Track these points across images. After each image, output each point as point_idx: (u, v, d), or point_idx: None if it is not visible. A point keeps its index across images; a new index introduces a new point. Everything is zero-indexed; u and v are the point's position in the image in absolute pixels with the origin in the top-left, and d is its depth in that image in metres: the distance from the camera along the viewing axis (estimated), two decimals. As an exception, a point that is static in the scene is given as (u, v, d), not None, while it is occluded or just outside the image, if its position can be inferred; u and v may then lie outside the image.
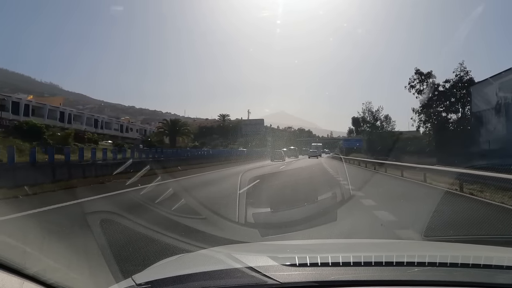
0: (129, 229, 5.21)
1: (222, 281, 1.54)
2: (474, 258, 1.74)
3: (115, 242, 4.50)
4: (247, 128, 79.26)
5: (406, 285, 1.48)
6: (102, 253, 3.44)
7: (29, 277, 1.52)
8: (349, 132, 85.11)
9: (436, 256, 1.76)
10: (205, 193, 10.78)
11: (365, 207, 8.01)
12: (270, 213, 7.15)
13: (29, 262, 1.65)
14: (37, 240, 4.04)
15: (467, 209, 8.46)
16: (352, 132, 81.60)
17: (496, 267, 1.66)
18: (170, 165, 21.97)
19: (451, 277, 1.58)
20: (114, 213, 6.55)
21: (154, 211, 7.15)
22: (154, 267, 2.15)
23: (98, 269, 2.87)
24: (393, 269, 1.64)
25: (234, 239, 4.49)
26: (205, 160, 30.47)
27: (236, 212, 6.94)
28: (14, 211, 7.11)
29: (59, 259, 3.02)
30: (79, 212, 7.24)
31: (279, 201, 9.04)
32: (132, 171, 13.87)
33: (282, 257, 1.91)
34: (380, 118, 62.97)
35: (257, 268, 1.58)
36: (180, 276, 1.61)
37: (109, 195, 9.98)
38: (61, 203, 8.23)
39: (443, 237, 5.07)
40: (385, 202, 8.87)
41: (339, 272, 1.61)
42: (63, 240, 4.80)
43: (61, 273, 1.95)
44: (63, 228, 5.81)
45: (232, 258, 1.81)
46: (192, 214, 6.70)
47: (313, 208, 7.79)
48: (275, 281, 1.47)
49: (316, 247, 2.61)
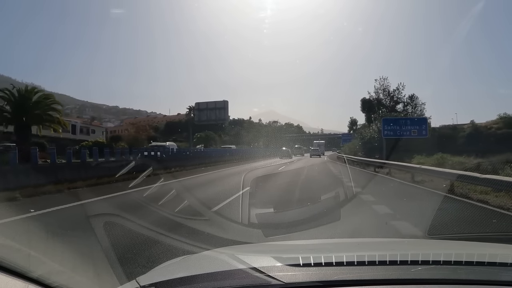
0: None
1: (226, 282, 1.54)
2: (478, 255, 1.74)
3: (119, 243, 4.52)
4: (204, 114, 49.08)
5: (410, 284, 1.47)
6: (106, 255, 3.44)
7: (34, 280, 1.53)
8: (351, 123, 70.23)
9: (440, 254, 1.76)
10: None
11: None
12: (273, 213, 7.15)
13: (33, 265, 1.66)
14: (41, 243, 4.05)
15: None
16: (355, 124, 67.34)
17: (501, 264, 1.65)
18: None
19: (455, 275, 1.57)
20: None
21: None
22: (158, 268, 2.15)
23: (102, 271, 2.87)
24: (397, 268, 1.64)
25: (238, 240, 4.49)
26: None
27: (240, 212, 6.96)
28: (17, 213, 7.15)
29: (64, 261, 3.02)
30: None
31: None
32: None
33: (286, 257, 1.91)
34: (402, 99, 46.12)
35: (261, 268, 1.58)
36: (185, 277, 1.61)
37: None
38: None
39: (447, 235, 5.06)
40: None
41: (343, 272, 1.61)
42: (67, 243, 4.82)
43: (66, 276, 1.95)
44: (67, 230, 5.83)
45: (236, 259, 1.81)
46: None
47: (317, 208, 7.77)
48: (279, 281, 1.47)
49: (319, 247, 2.61)
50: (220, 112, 48.32)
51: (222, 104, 48.66)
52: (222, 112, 48.56)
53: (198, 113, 50.71)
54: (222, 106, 48.44)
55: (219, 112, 48.20)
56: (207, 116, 48.75)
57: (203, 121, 50.63)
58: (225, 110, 48.75)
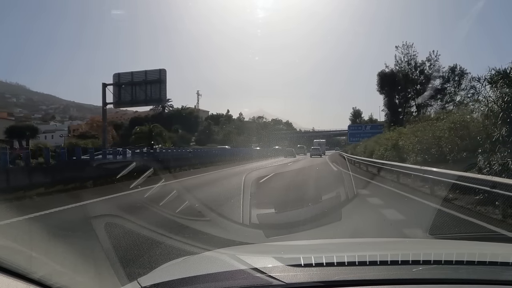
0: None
1: (227, 282, 1.54)
2: (479, 255, 1.74)
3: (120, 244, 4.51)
4: (127, 92, 30.00)
5: (412, 284, 1.47)
6: (107, 256, 3.44)
7: (35, 282, 1.53)
8: (354, 115, 58.03)
9: (441, 254, 1.76)
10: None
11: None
12: (275, 213, 7.14)
13: (34, 266, 1.66)
14: (42, 244, 4.05)
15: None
16: (359, 115, 55.73)
17: (502, 264, 1.65)
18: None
19: (456, 275, 1.57)
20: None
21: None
22: (159, 269, 2.15)
23: (104, 272, 2.87)
24: (398, 268, 1.63)
25: (239, 241, 4.49)
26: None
27: (241, 213, 6.95)
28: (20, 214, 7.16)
29: (65, 262, 3.02)
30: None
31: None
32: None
33: (287, 257, 1.91)
34: (441, 73, 32.63)
35: (262, 269, 1.58)
36: (186, 278, 1.61)
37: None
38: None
39: (448, 234, 5.05)
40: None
41: (344, 272, 1.61)
42: (68, 244, 4.82)
43: (67, 277, 1.95)
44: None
45: (237, 260, 1.81)
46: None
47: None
48: (281, 281, 1.47)
49: (321, 247, 2.60)
50: (153, 89, 29.46)
51: (157, 75, 29.31)
52: (157, 89, 29.43)
53: (117, 92, 29.79)
54: (156, 78, 29.24)
55: (152, 88, 29.47)
56: (133, 94, 29.78)
57: (126, 103, 32.14)
58: (162, 85, 29.56)
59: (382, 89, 35.91)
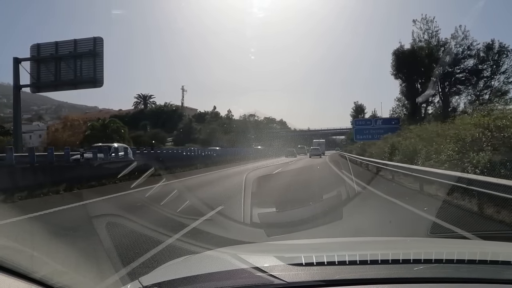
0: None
1: (229, 281, 1.54)
2: (480, 254, 1.73)
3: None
4: (49, 69, 21.73)
5: (412, 283, 1.47)
6: (109, 255, 3.45)
7: (36, 281, 1.53)
8: (356, 110, 50.03)
9: (442, 252, 1.76)
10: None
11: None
12: (275, 212, 7.14)
13: (36, 266, 1.66)
14: (44, 243, 4.06)
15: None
16: (362, 110, 48.36)
17: (503, 263, 1.65)
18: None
19: (458, 274, 1.57)
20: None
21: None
22: (160, 268, 2.15)
23: (105, 271, 2.88)
24: (399, 267, 1.63)
25: (240, 240, 4.49)
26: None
27: (242, 212, 6.96)
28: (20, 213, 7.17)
29: (66, 262, 3.03)
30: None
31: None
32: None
33: (288, 256, 1.91)
34: (476, 51, 26.04)
35: (263, 268, 1.58)
36: (187, 277, 1.61)
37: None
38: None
39: (449, 233, 5.05)
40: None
41: (345, 271, 1.61)
42: (70, 243, 4.83)
43: (69, 277, 1.96)
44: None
45: (239, 259, 1.81)
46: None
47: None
48: (282, 280, 1.47)
49: (322, 246, 2.60)
50: (85, 66, 21.65)
51: (90, 45, 21.48)
52: (90, 65, 21.71)
53: (36, 70, 22.21)
54: (88, 50, 21.32)
55: (83, 65, 21.64)
56: (57, 74, 21.94)
57: (48, 86, 23.90)
58: (97, 60, 21.71)
59: (397, 72, 27.91)
